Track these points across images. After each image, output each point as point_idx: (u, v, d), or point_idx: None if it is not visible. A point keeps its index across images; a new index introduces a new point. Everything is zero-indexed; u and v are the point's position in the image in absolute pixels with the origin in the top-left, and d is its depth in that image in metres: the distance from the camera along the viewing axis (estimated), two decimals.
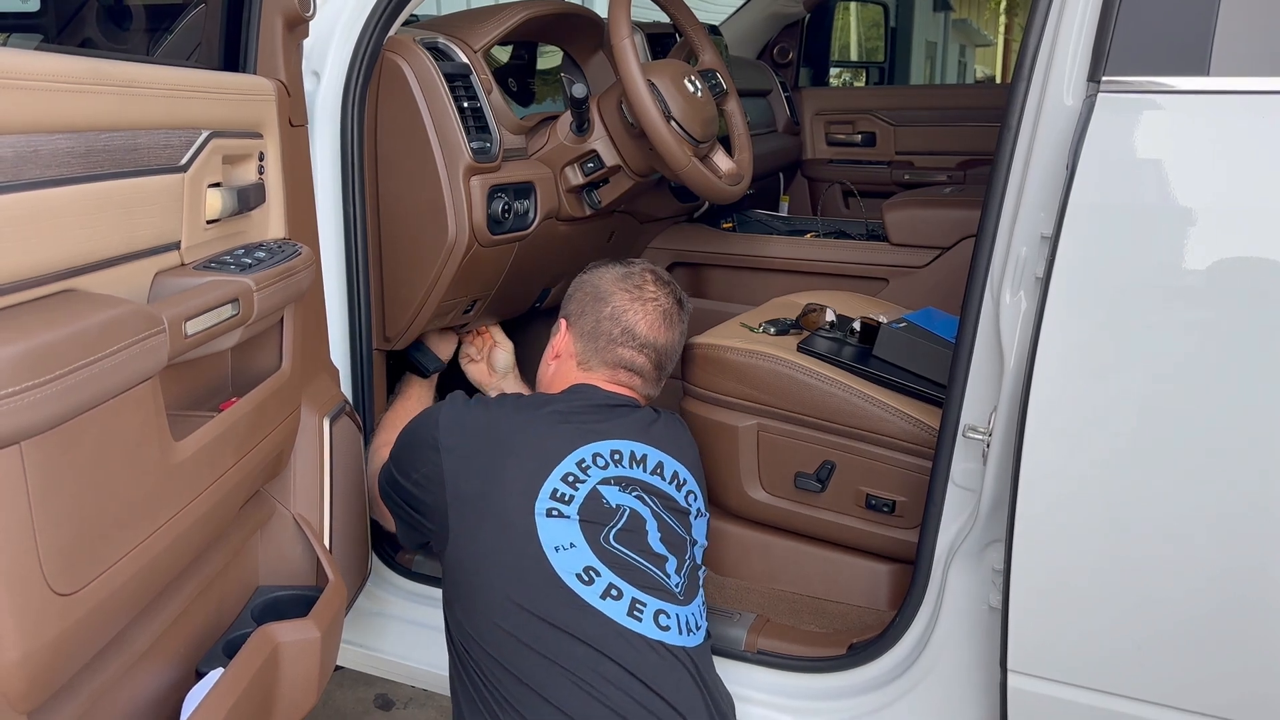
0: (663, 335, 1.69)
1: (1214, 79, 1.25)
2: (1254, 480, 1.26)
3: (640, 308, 1.68)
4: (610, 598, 1.45)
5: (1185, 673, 1.34)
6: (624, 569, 1.48)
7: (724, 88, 2.25)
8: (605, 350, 1.67)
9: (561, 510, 1.49)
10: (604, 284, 1.71)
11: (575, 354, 1.70)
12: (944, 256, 2.59)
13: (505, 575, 1.46)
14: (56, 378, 0.91)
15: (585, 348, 1.68)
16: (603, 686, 1.39)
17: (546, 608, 1.44)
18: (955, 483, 1.56)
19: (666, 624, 1.47)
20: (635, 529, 1.53)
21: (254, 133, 1.43)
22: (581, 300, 1.72)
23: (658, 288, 1.71)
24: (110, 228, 1.10)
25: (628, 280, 1.70)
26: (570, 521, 1.48)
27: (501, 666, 1.44)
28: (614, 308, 1.68)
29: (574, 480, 1.52)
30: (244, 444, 1.35)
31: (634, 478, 1.58)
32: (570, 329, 1.71)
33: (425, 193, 1.86)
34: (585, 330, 1.69)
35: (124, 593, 1.09)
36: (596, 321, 1.68)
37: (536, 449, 1.54)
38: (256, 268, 1.31)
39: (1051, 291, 1.30)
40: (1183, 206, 1.26)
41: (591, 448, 1.56)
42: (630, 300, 1.68)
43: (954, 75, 18.70)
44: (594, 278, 1.73)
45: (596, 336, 1.68)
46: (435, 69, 1.85)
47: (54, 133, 1.01)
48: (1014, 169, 1.43)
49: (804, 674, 1.74)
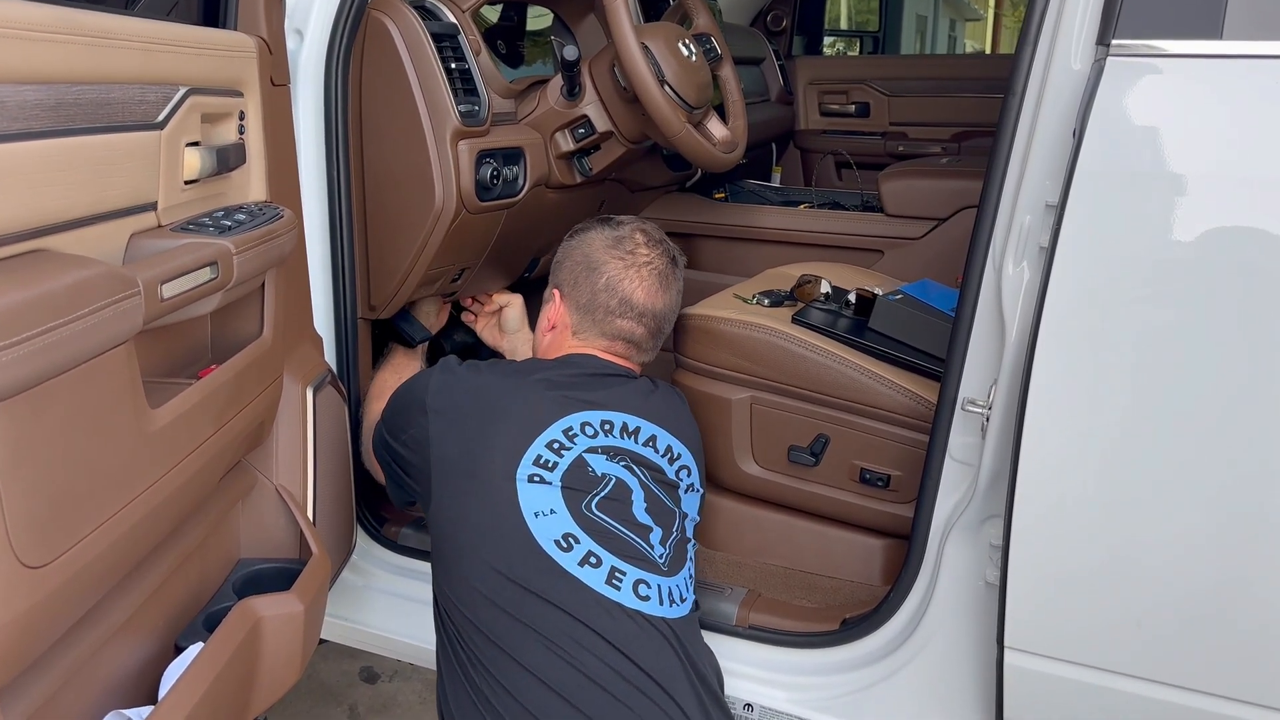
0: (660, 300, 1.65)
1: (1227, 43, 1.22)
2: (1258, 456, 1.23)
3: (635, 274, 1.63)
4: (589, 565, 1.44)
5: (1185, 650, 1.33)
6: (604, 537, 1.47)
7: (719, 53, 2.20)
8: (602, 322, 1.63)
9: (544, 476, 1.47)
10: (595, 252, 1.65)
11: (571, 324, 1.66)
12: (941, 228, 2.56)
13: (484, 540, 1.45)
14: (24, 340, 0.87)
15: (581, 319, 1.64)
16: (578, 653, 1.39)
17: (524, 573, 1.43)
18: (953, 457, 1.53)
19: (646, 594, 1.46)
20: (620, 498, 1.51)
21: (234, 91, 1.38)
22: (573, 270, 1.66)
23: (650, 249, 1.66)
24: (82, 185, 1.05)
25: (619, 246, 1.65)
26: (552, 488, 1.47)
27: (479, 630, 1.43)
28: (609, 278, 1.62)
29: (559, 447, 1.50)
30: (224, 413, 1.31)
31: (623, 448, 1.55)
32: (564, 300, 1.66)
33: (411, 157, 1.82)
34: (580, 303, 1.64)
35: (98, 565, 1.05)
36: (592, 294, 1.63)
37: (523, 415, 1.52)
38: (236, 230, 1.27)
39: (1057, 261, 1.26)
40: (1193, 174, 1.23)
41: (580, 416, 1.54)
42: (624, 268, 1.63)
43: (944, 49, 18.65)
44: (584, 245, 1.68)
45: (593, 309, 1.63)
46: (422, 28, 1.79)
47: (21, 83, 0.96)
48: (1018, 136, 1.39)
49: (796, 649, 1.72)
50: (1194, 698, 1.34)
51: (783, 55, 3.62)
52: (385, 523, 1.98)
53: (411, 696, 2.47)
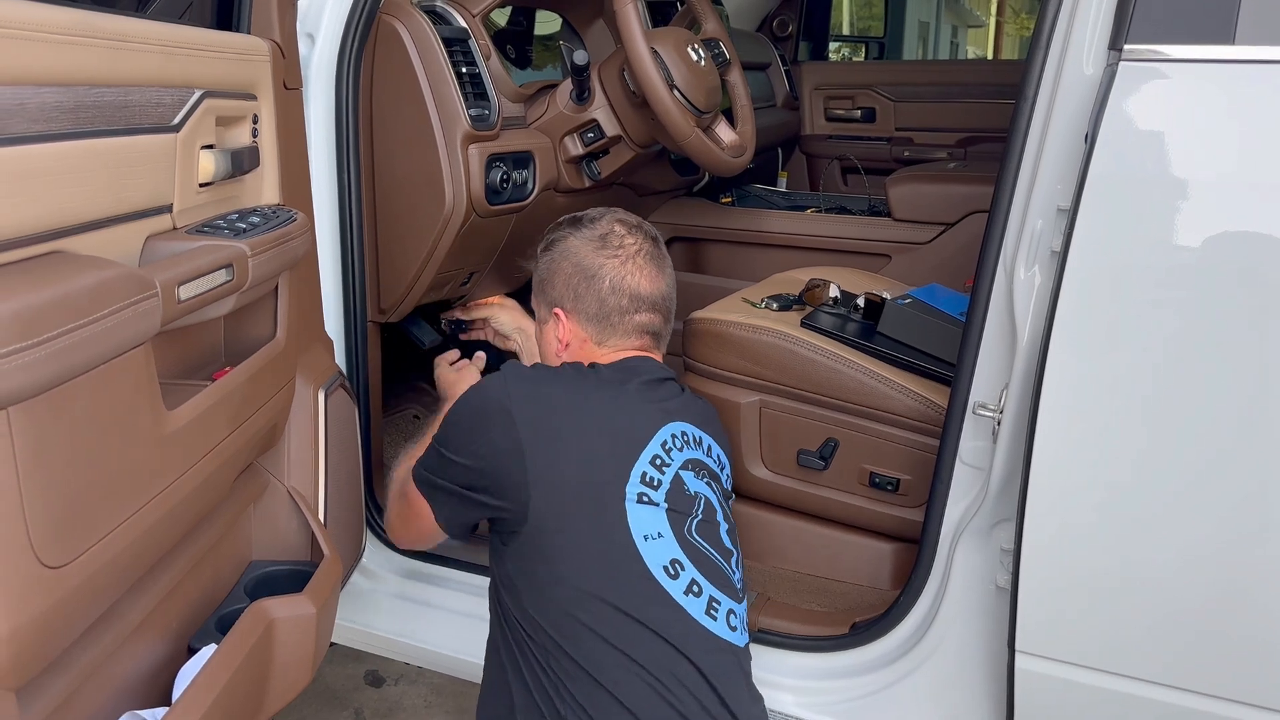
0: (661, 283, 1.57)
1: (1239, 48, 1.22)
2: (1272, 461, 1.23)
3: (633, 266, 1.54)
4: (692, 594, 1.37)
5: (1198, 654, 1.32)
6: (703, 564, 1.40)
7: (727, 57, 2.21)
8: (620, 324, 1.54)
9: (650, 496, 1.39)
10: (586, 258, 1.55)
11: (588, 336, 1.56)
12: (949, 232, 2.56)
13: (591, 563, 1.36)
14: (45, 341, 0.87)
15: (599, 329, 1.54)
16: (675, 689, 1.32)
17: (632, 601, 1.34)
18: (963, 461, 1.53)
19: (734, 624, 1.41)
20: (710, 519, 1.44)
21: (248, 94, 1.39)
22: (569, 281, 1.56)
23: (634, 236, 1.57)
24: (100, 187, 1.06)
25: (605, 243, 1.55)
26: (658, 509, 1.39)
27: (569, 657, 1.35)
28: (610, 280, 1.54)
29: (661, 463, 1.42)
30: (238, 415, 1.31)
31: (701, 461, 1.48)
32: (570, 316, 1.56)
33: (422, 161, 1.82)
34: (590, 313, 1.55)
35: (115, 566, 1.06)
36: (599, 300, 1.54)
37: (627, 427, 1.43)
38: (251, 233, 1.28)
39: (1069, 265, 1.27)
40: (1206, 179, 1.23)
41: (670, 427, 1.46)
42: (620, 264, 1.54)
43: (946, 55, 18.65)
44: (570, 255, 1.56)
45: (606, 315, 1.54)
46: (433, 33, 1.80)
47: (42, 85, 0.96)
48: (1030, 140, 1.40)
49: (806, 653, 1.72)
50: (1206, 702, 1.33)
51: (788, 60, 3.62)
52: None
53: (417, 700, 2.47)
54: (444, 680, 2.49)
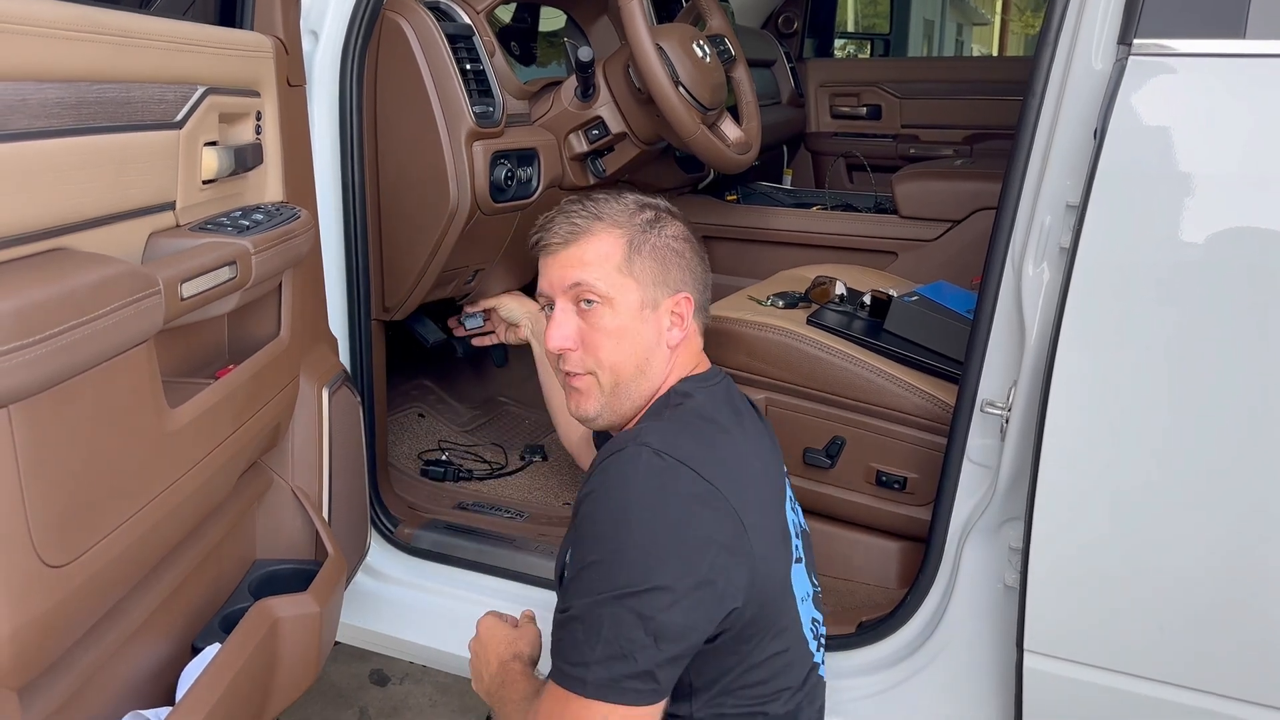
0: None
1: (1250, 42, 1.21)
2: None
3: (701, 250, 1.35)
4: (818, 642, 1.30)
5: (1207, 653, 1.31)
6: (819, 603, 1.33)
7: (732, 54, 2.20)
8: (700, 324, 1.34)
9: (798, 550, 1.25)
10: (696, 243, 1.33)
11: (698, 327, 1.33)
12: (955, 229, 2.55)
13: (781, 660, 1.21)
14: (47, 338, 0.87)
15: (700, 321, 1.33)
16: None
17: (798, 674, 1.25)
18: (971, 459, 1.53)
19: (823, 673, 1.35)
20: (808, 556, 1.33)
21: (251, 91, 1.38)
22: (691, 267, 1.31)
23: (677, 221, 1.34)
24: (103, 184, 1.05)
25: (668, 224, 1.31)
26: (801, 566, 1.26)
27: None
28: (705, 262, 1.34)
29: (793, 503, 1.29)
30: (242, 413, 1.31)
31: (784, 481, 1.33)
32: (692, 303, 1.30)
33: (426, 158, 1.81)
34: (701, 304, 1.32)
35: (118, 565, 1.05)
36: (704, 286, 1.33)
37: (767, 472, 1.25)
38: (254, 230, 1.27)
39: (1078, 261, 1.26)
40: (1217, 174, 1.22)
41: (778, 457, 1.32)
42: (694, 248, 1.34)
43: (951, 53, 18.62)
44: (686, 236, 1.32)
45: (706, 309, 1.34)
46: (437, 29, 1.79)
47: (44, 81, 0.96)
48: (1038, 136, 1.39)
49: None
50: (1216, 702, 1.32)
51: (794, 57, 3.61)
52: (399, 525, 1.97)
53: (422, 699, 2.47)
54: (449, 679, 2.49)
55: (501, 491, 2.28)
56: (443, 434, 2.53)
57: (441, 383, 2.71)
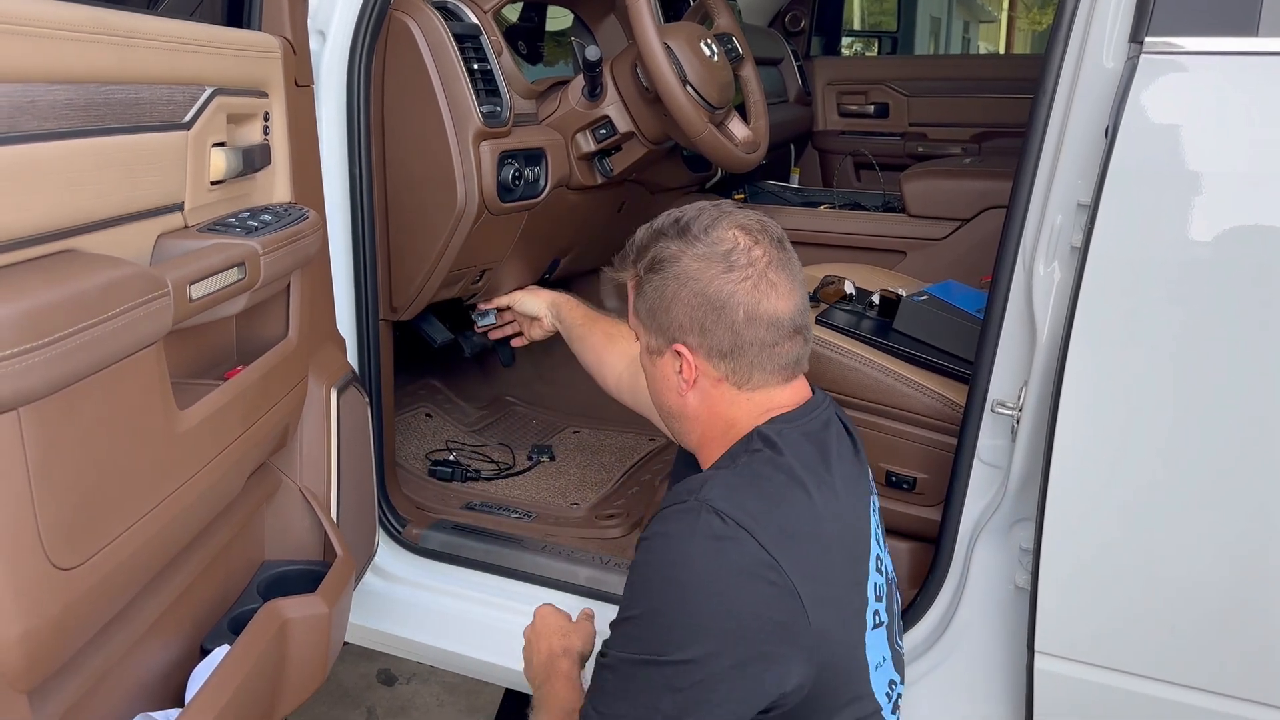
0: (797, 295, 1.26)
1: (1262, 40, 1.20)
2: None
3: (766, 286, 1.22)
4: (897, 710, 1.27)
5: (1220, 654, 1.31)
6: (899, 665, 1.30)
7: (740, 53, 2.19)
8: (764, 359, 1.24)
9: (879, 614, 1.20)
10: (710, 283, 1.22)
11: (722, 375, 1.25)
12: (965, 228, 2.54)
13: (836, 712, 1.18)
14: (56, 340, 0.87)
15: (735, 365, 1.24)
16: None
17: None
18: (981, 459, 1.52)
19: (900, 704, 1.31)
20: (891, 616, 1.28)
21: (259, 91, 1.38)
22: (692, 314, 1.23)
23: (760, 245, 1.24)
24: (111, 186, 1.05)
25: (731, 263, 1.22)
26: (881, 630, 1.21)
27: None
28: (745, 309, 1.21)
29: (879, 564, 1.23)
30: (250, 414, 1.30)
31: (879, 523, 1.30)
32: (696, 353, 1.25)
33: (434, 158, 1.81)
34: (723, 349, 1.23)
35: (128, 567, 1.05)
36: (734, 334, 1.23)
37: (849, 532, 1.20)
38: (263, 231, 1.27)
39: (1090, 261, 1.25)
40: (1230, 172, 1.21)
41: (869, 500, 1.26)
42: (753, 285, 1.22)
43: (958, 51, 18.58)
44: (689, 278, 1.23)
45: (744, 349, 1.23)
46: (445, 29, 1.79)
47: (52, 83, 0.96)
48: (1049, 135, 1.38)
49: None
50: (1227, 703, 1.32)
51: (801, 56, 3.61)
52: (407, 525, 1.97)
53: (429, 699, 2.47)
54: (456, 679, 2.49)
55: (509, 492, 2.27)
56: (450, 434, 2.53)
57: (449, 383, 2.71)
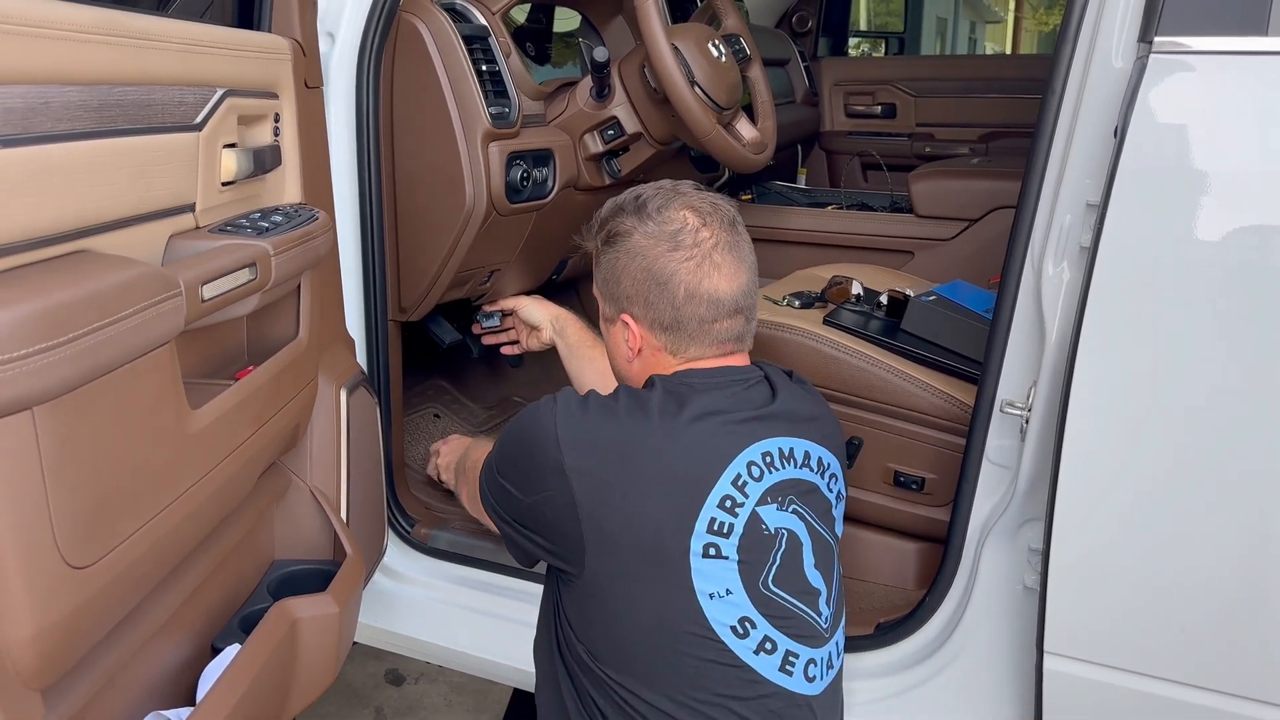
0: (742, 277, 1.37)
1: (1272, 39, 1.19)
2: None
3: (709, 267, 1.34)
4: (764, 652, 1.29)
5: (1229, 655, 1.30)
6: (780, 619, 1.31)
7: (748, 53, 2.19)
8: (700, 333, 1.36)
9: (720, 547, 1.28)
10: (655, 260, 1.35)
11: (661, 345, 1.38)
12: (973, 228, 2.54)
13: (648, 626, 1.28)
14: (70, 340, 0.87)
15: (674, 338, 1.37)
16: None
17: (692, 665, 1.28)
18: (990, 459, 1.52)
19: (813, 674, 1.33)
20: (791, 562, 1.33)
21: (270, 93, 1.39)
22: (637, 287, 1.37)
23: (708, 226, 1.35)
24: (124, 186, 1.06)
25: (677, 243, 1.34)
26: (728, 563, 1.28)
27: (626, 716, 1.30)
28: (685, 286, 1.34)
29: (732, 504, 1.30)
30: (261, 414, 1.31)
31: (792, 480, 1.35)
32: (640, 323, 1.38)
33: (442, 159, 1.82)
34: (664, 322, 1.36)
35: (140, 566, 1.05)
36: (674, 309, 1.35)
37: (688, 470, 1.29)
38: (274, 232, 1.27)
39: (1099, 261, 1.25)
40: (1240, 172, 1.21)
41: (750, 452, 1.32)
42: (696, 265, 1.34)
43: (965, 51, 18.56)
44: (637, 253, 1.36)
45: (682, 324, 1.36)
46: (453, 30, 1.79)
47: (65, 84, 0.96)
48: (1058, 135, 1.38)
49: None
50: (1237, 703, 1.31)
51: (808, 56, 3.61)
52: (415, 525, 1.98)
53: (437, 699, 2.47)
54: (464, 679, 2.49)
55: None
56: (458, 434, 2.53)
57: (457, 383, 2.72)
